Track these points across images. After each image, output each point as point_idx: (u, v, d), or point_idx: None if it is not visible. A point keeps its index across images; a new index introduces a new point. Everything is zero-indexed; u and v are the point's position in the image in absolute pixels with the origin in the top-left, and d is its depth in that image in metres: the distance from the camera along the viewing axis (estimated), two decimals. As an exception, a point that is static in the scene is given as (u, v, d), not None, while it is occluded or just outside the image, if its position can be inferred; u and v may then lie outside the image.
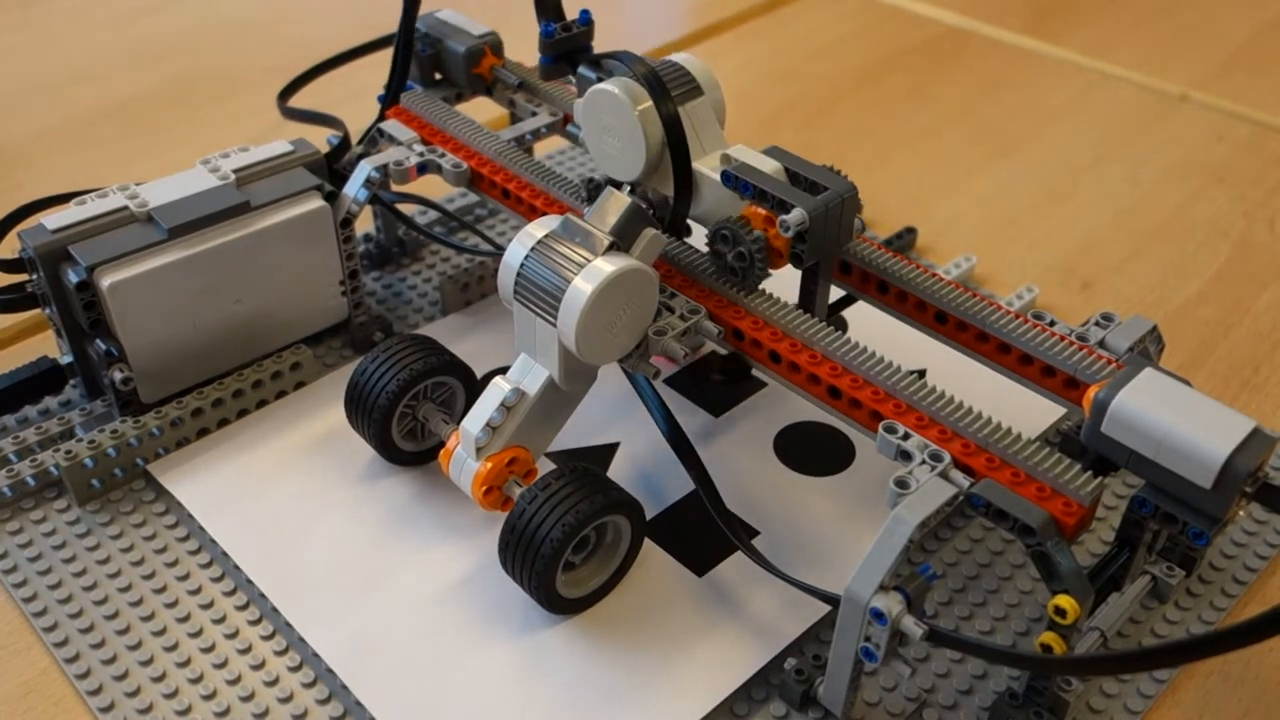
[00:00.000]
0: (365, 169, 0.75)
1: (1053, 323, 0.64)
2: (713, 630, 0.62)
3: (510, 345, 0.64)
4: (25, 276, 0.72)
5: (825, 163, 0.66)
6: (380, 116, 0.81)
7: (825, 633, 0.61)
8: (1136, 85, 1.18)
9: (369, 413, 0.68)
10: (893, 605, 0.51)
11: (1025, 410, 0.67)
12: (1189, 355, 0.83)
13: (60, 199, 0.74)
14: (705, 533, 0.66)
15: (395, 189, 0.86)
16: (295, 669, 0.60)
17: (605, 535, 0.63)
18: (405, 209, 0.90)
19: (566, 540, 0.59)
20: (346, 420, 0.71)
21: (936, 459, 0.54)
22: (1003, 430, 0.55)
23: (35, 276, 0.69)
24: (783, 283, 0.68)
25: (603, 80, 0.66)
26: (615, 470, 0.71)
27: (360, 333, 0.80)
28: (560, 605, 0.62)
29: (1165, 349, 0.65)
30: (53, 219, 0.69)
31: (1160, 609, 0.63)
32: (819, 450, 0.72)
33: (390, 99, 0.81)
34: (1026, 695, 0.57)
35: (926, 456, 0.54)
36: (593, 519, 0.60)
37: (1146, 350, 0.62)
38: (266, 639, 0.61)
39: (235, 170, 0.73)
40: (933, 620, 0.55)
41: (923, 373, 0.59)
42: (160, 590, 0.64)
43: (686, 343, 0.62)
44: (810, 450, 0.72)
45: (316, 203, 0.74)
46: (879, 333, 0.71)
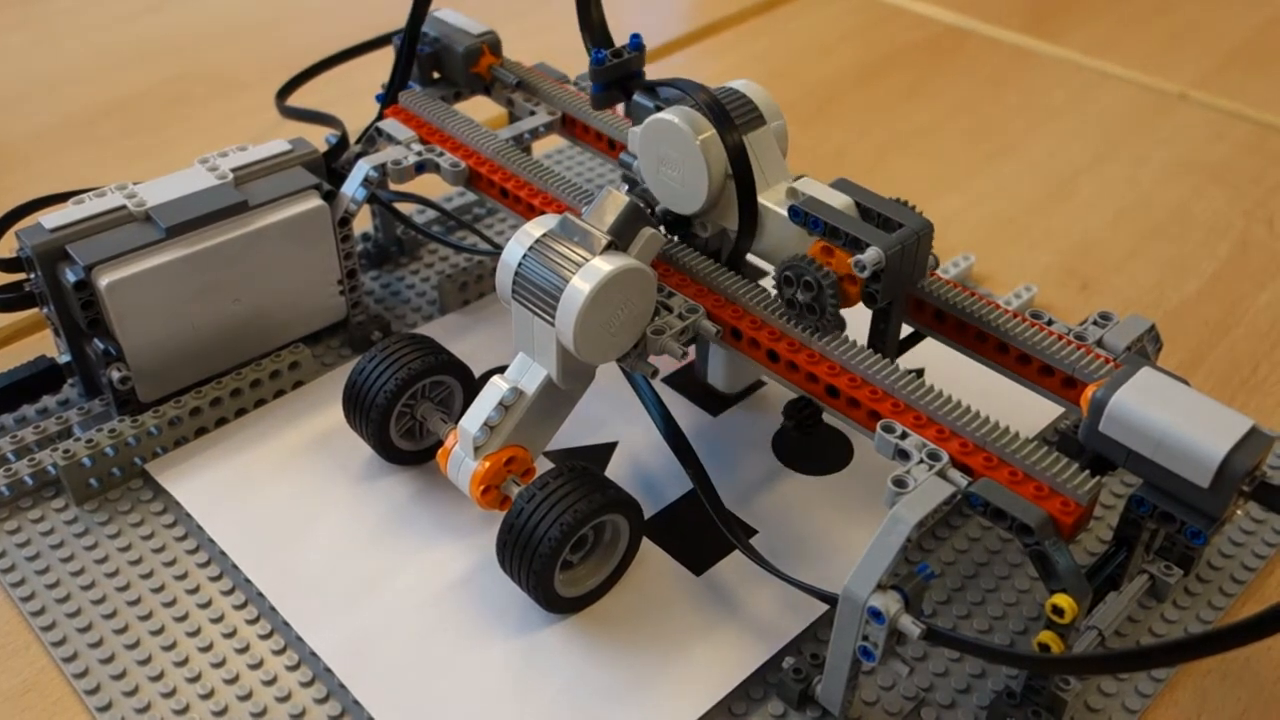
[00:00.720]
0: (363, 168, 0.75)
1: (1051, 322, 0.64)
2: (711, 629, 0.62)
3: (508, 344, 0.64)
4: (23, 276, 0.72)
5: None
6: (379, 115, 0.81)
7: (823, 632, 0.61)
8: (1136, 84, 1.18)
9: (367, 412, 0.68)
10: (891, 604, 0.51)
11: (1023, 409, 0.67)
12: (1187, 354, 0.83)
13: (58, 198, 0.74)
14: (703, 532, 0.66)
15: (393, 188, 0.86)
16: (293, 668, 0.60)
17: (603, 534, 0.63)
18: (403, 208, 0.90)
19: (565, 539, 0.59)
20: (344, 419, 0.71)
21: (934, 458, 0.54)
22: (1000, 429, 0.55)
23: (33, 276, 0.69)
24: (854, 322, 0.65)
25: (661, 109, 0.64)
26: (613, 469, 0.71)
27: (358, 332, 0.80)
28: (558, 604, 0.62)
29: (1163, 348, 0.65)
30: (51, 218, 0.68)
31: (1158, 608, 0.63)
32: (817, 449, 0.72)
33: (390, 96, 0.81)
34: (1024, 694, 0.57)
35: (924, 455, 0.54)
36: (591, 518, 0.60)
37: (1145, 349, 0.62)
38: (264, 638, 0.61)
39: (233, 169, 0.73)
40: (930, 619, 0.55)
41: (920, 371, 0.59)
42: (158, 589, 0.64)
43: (684, 342, 0.62)
44: (808, 449, 0.72)
45: (314, 202, 0.74)
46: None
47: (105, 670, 0.59)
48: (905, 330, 0.65)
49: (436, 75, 0.84)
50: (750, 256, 0.66)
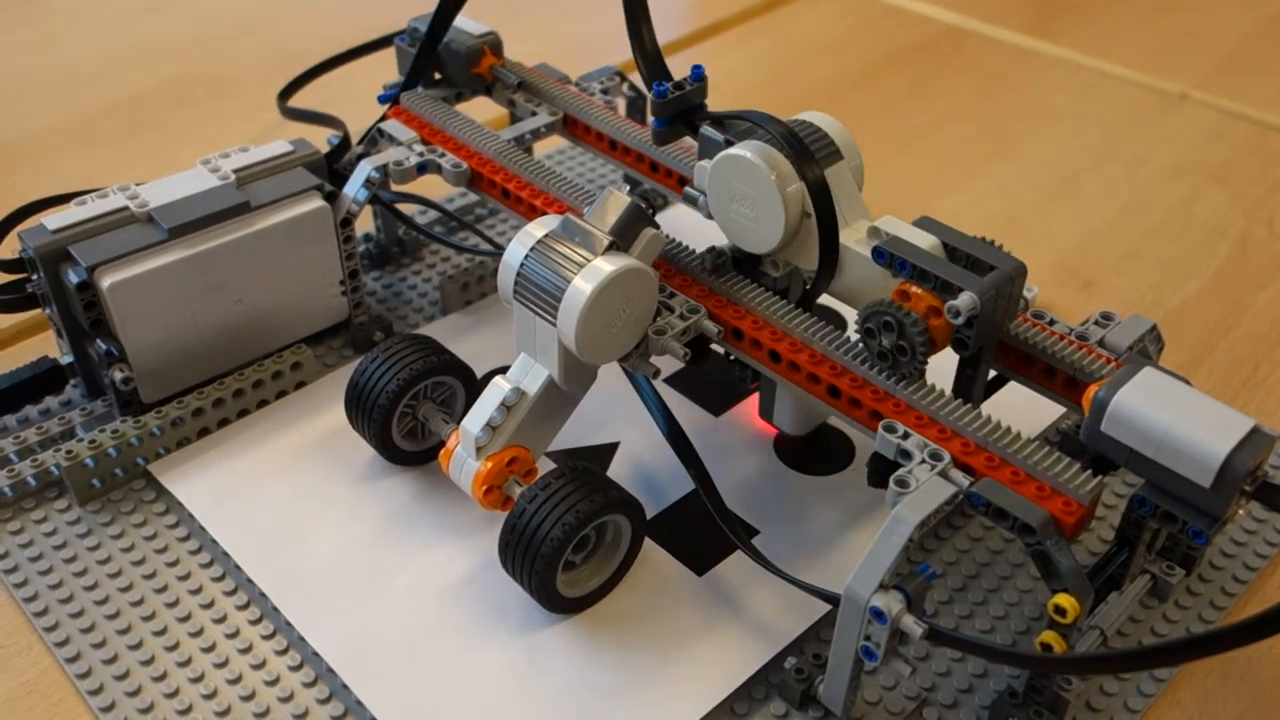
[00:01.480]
0: (365, 169, 0.75)
1: (1052, 322, 0.64)
2: (713, 629, 0.62)
3: (510, 345, 0.64)
4: (25, 276, 0.72)
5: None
6: (381, 117, 0.81)
7: (825, 632, 0.61)
8: (1136, 84, 1.18)
9: (369, 412, 0.68)
10: (893, 604, 0.51)
11: (1025, 409, 0.67)
12: (1188, 354, 0.83)
13: (60, 199, 0.74)
14: (705, 532, 0.66)
15: (395, 189, 0.86)
16: (296, 668, 0.60)
17: (605, 534, 0.63)
18: (405, 209, 0.90)
19: (567, 540, 0.59)
20: (347, 420, 0.71)
21: (936, 458, 0.54)
22: (1002, 429, 0.55)
23: (36, 277, 0.69)
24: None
25: (731, 142, 0.62)
26: (615, 470, 0.71)
27: (360, 332, 0.80)
28: (560, 604, 0.62)
29: (1165, 348, 0.65)
30: (53, 219, 0.69)
31: (1160, 608, 0.63)
32: (819, 449, 0.72)
33: (406, 85, 0.81)
34: (1027, 694, 0.57)
35: (926, 455, 0.54)
36: (593, 518, 0.60)
37: (1146, 349, 0.62)
38: (267, 638, 0.62)
39: (235, 170, 0.74)
40: (933, 619, 0.55)
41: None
42: (161, 590, 0.64)
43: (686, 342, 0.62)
44: (810, 449, 0.72)
45: (316, 203, 0.74)
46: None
47: (108, 671, 0.60)
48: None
49: (438, 76, 0.84)
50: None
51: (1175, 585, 0.63)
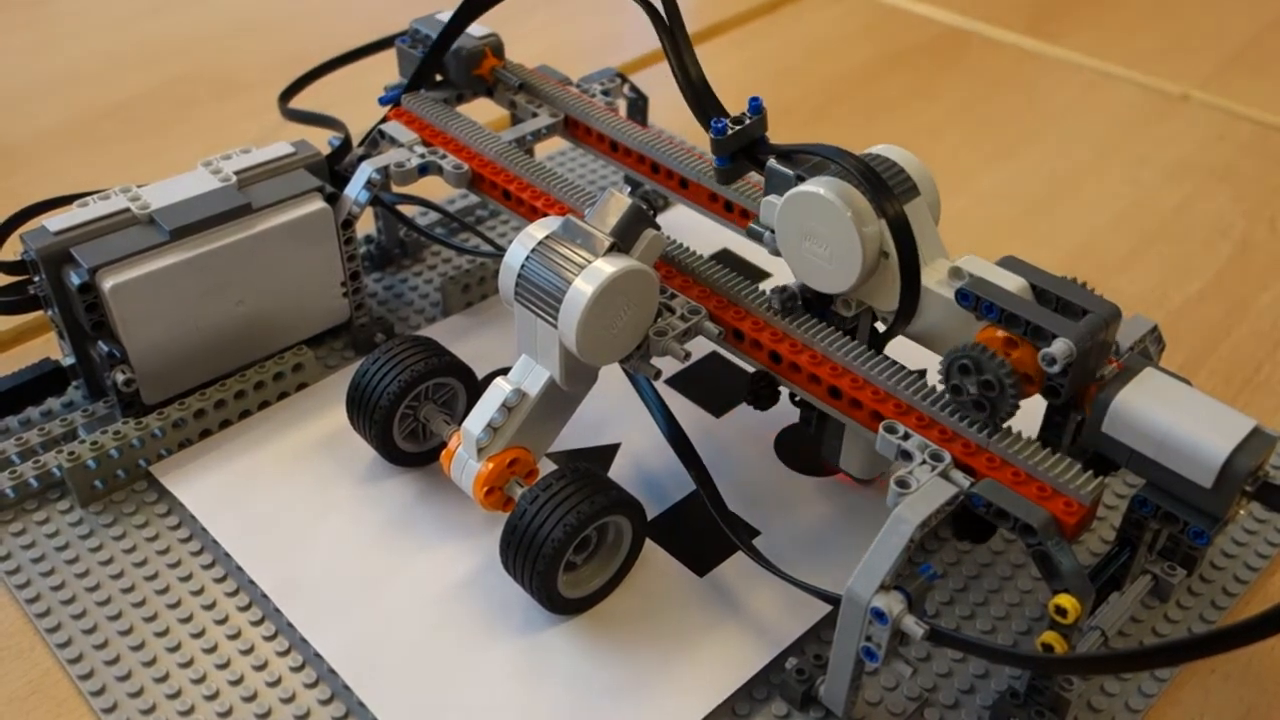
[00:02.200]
0: (366, 171, 0.75)
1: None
2: (714, 630, 0.62)
3: (511, 346, 0.64)
4: (27, 278, 0.72)
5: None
6: (382, 118, 0.81)
7: (826, 632, 0.62)
8: (1137, 85, 1.18)
9: (370, 414, 0.68)
10: (894, 605, 0.51)
11: (1025, 410, 0.67)
12: (1190, 355, 0.83)
13: (62, 201, 0.74)
14: (706, 533, 0.66)
15: (396, 190, 0.86)
16: (298, 669, 0.60)
17: (606, 535, 0.63)
18: (406, 210, 0.90)
19: (568, 540, 0.59)
20: (348, 421, 0.71)
21: (937, 459, 0.54)
22: (1003, 430, 0.55)
23: (37, 278, 0.70)
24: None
25: (802, 178, 0.59)
26: (616, 471, 0.71)
27: (362, 334, 0.80)
28: (562, 605, 0.62)
29: (1166, 348, 0.65)
30: (55, 221, 0.69)
31: (1161, 608, 0.63)
32: (820, 450, 0.72)
33: (410, 86, 0.81)
34: (1028, 694, 0.57)
35: (927, 456, 0.55)
36: (594, 519, 0.60)
37: (1147, 350, 0.62)
38: (269, 640, 0.62)
39: (237, 172, 0.74)
40: (934, 620, 0.55)
41: (923, 373, 0.59)
42: (163, 591, 0.64)
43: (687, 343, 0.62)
44: (811, 450, 0.72)
45: (318, 204, 0.74)
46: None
47: (110, 672, 0.60)
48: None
49: (439, 78, 0.84)
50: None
51: (1176, 585, 0.63)
